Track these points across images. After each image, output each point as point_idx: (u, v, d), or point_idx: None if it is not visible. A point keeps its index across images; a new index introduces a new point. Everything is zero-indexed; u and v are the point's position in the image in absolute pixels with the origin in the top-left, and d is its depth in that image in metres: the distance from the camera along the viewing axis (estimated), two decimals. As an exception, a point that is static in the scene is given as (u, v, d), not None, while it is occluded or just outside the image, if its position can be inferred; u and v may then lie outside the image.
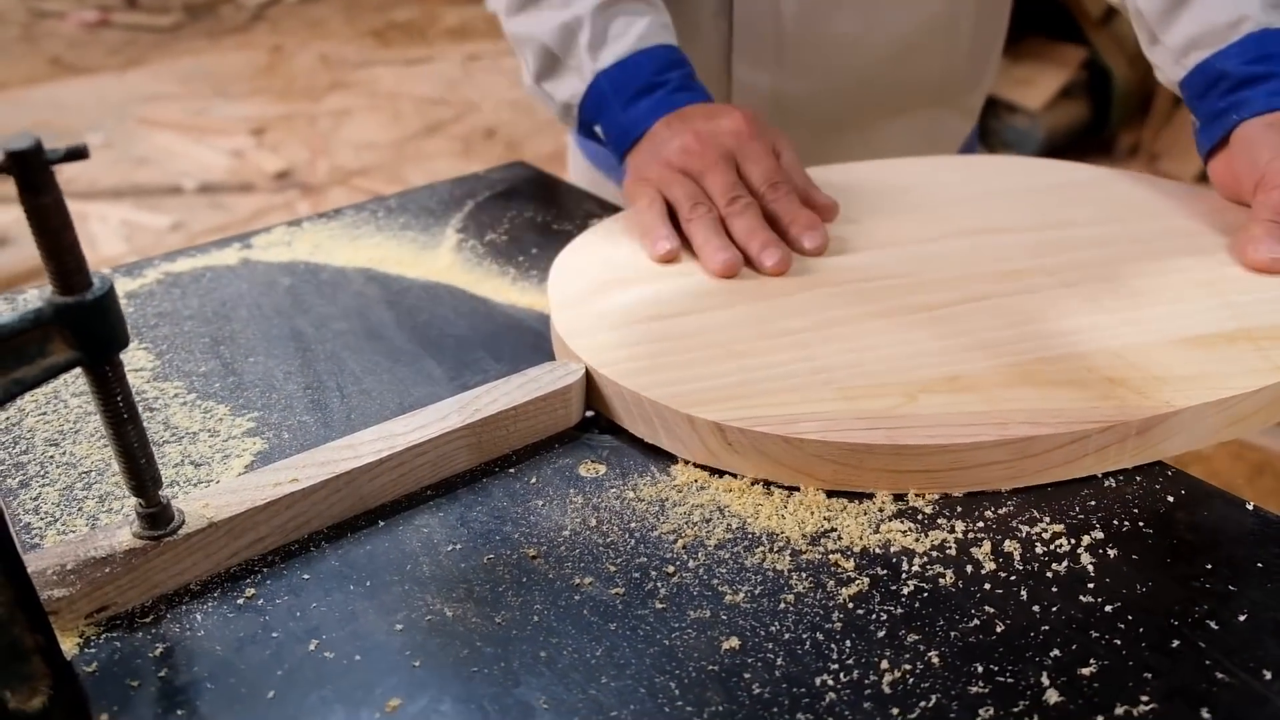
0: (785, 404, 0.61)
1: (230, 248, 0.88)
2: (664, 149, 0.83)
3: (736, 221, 0.77)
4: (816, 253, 0.78)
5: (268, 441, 0.64)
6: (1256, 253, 0.73)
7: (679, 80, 0.87)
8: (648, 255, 0.78)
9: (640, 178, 0.83)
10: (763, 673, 0.48)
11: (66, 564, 0.50)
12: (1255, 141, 0.78)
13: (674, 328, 0.69)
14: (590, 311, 0.71)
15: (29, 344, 0.44)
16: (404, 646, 0.50)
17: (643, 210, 0.80)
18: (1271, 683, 0.48)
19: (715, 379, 0.64)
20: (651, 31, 0.88)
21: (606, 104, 0.88)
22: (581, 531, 0.57)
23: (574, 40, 0.89)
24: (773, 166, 0.81)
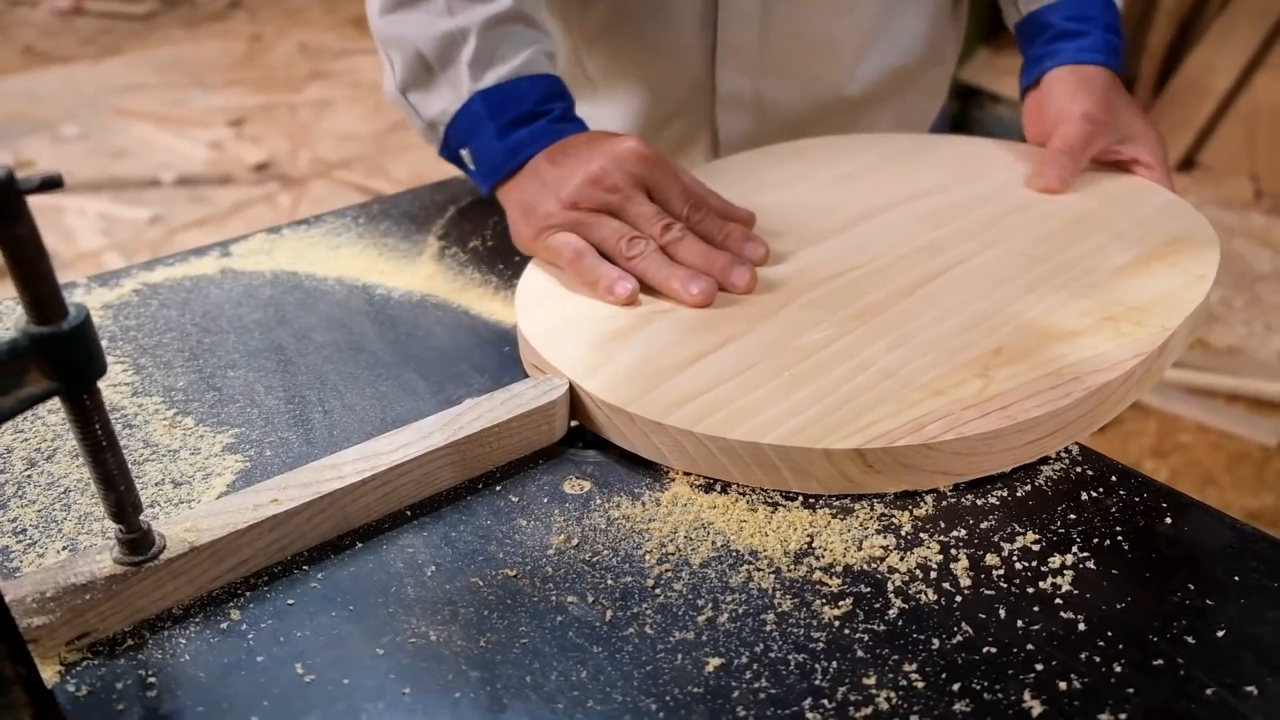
0: (892, 414, 0.61)
1: (209, 256, 0.87)
2: (562, 187, 0.78)
3: (681, 250, 0.75)
4: (762, 262, 0.77)
5: (249, 459, 0.64)
6: (1039, 178, 0.87)
7: (560, 111, 0.83)
8: (606, 303, 0.74)
9: (543, 225, 0.78)
10: (747, 695, 0.48)
11: (46, 591, 0.50)
12: (1059, 86, 0.92)
13: (674, 353, 0.68)
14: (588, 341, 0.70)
15: (5, 375, 0.43)
16: (389, 670, 0.50)
17: (574, 260, 0.76)
18: (1249, 698, 0.48)
19: (796, 407, 0.62)
20: (537, 59, 0.84)
21: (480, 128, 0.82)
22: (566, 551, 0.57)
23: (455, 53, 0.83)
24: (685, 188, 0.79)
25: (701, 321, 0.71)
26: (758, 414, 0.62)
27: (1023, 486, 0.62)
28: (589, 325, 0.71)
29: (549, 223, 0.77)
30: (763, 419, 0.61)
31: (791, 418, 0.61)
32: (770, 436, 0.60)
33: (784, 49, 1.01)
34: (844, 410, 0.62)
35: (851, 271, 0.76)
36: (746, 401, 0.63)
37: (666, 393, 0.64)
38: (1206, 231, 0.81)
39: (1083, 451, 0.65)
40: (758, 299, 0.73)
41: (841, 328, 0.70)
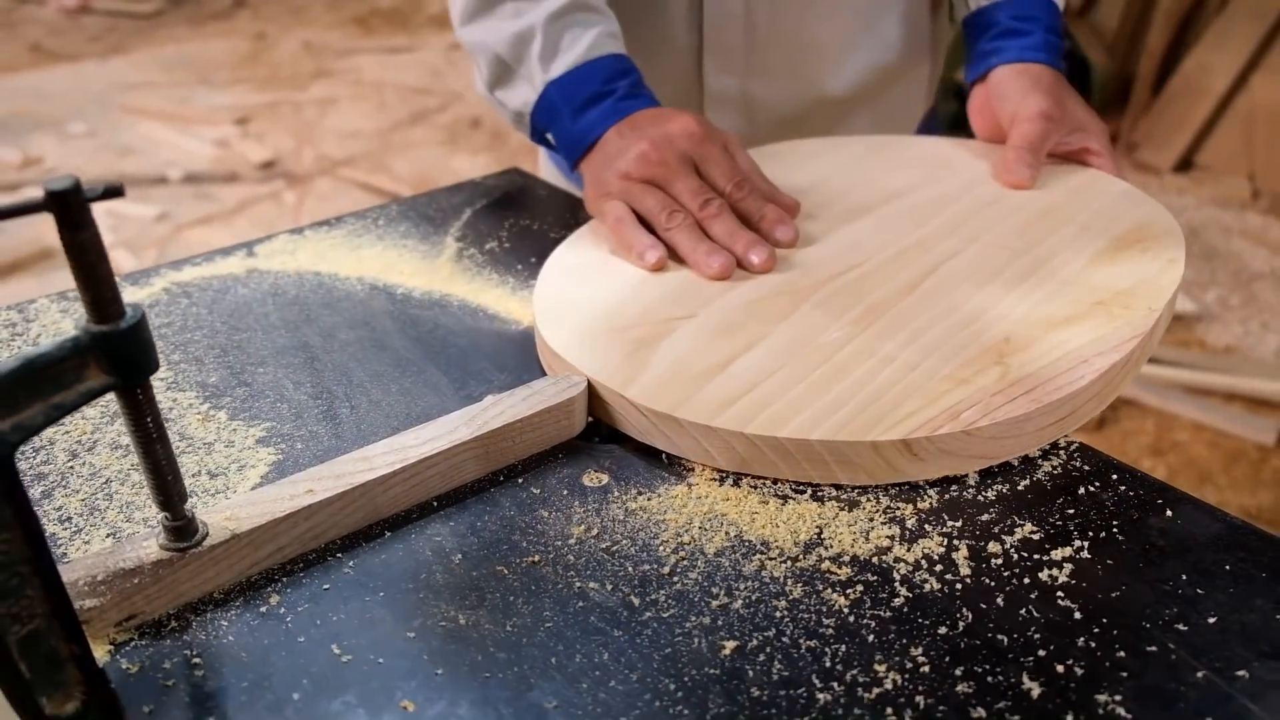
0: (928, 404, 0.65)
1: (235, 256, 0.90)
2: (620, 160, 0.85)
3: (714, 225, 0.81)
4: (789, 245, 0.82)
5: (281, 451, 0.67)
6: (1010, 175, 0.90)
7: (627, 88, 0.90)
8: (636, 267, 0.80)
9: (603, 192, 0.85)
10: (760, 676, 0.51)
11: (97, 575, 0.53)
12: (1007, 85, 0.95)
13: (704, 358, 0.70)
14: (624, 342, 0.73)
15: (67, 371, 0.46)
16: (421, 652, 0.52)
17: (616, 225, 0.82)
18: (1236, 682, 0.51)
19: (835, 403, 0.65)
20: (600, 42, 0.91)
21: (557, 113, 0.90)
22: (586, 540, 0.60)
23: (526, 50, 0.91)
24: (732, 166, 0.85)
25: (721, 327, 0.73)
26: (800, 412, 0.64)
27: (1022, 481, 0.64)
28: (610, 334, 0.73)
29: (605, 189, 0.85)
30: (806, 416, 0.64)
31: (833, 413, 0.64)
32: (818, 433, 0.63)
33: (769, 49, 1.04)
34: (881, 403, 0.65)
35: (851, 272, 0.79)
36: (787, 400, 0.66)
37: (710, 396, 0.66)
38: (1166, 219, 0.85)
39: (1080, 448, 0.68)
40: (772, 302, 0.76)
41: (855, 326, 0.72)
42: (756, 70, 1.06)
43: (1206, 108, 3.43)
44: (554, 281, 0.81)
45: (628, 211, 0.82)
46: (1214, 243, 3.03)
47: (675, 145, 0.84)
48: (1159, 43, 3.53)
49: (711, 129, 0.86)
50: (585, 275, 0.81)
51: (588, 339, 0.73)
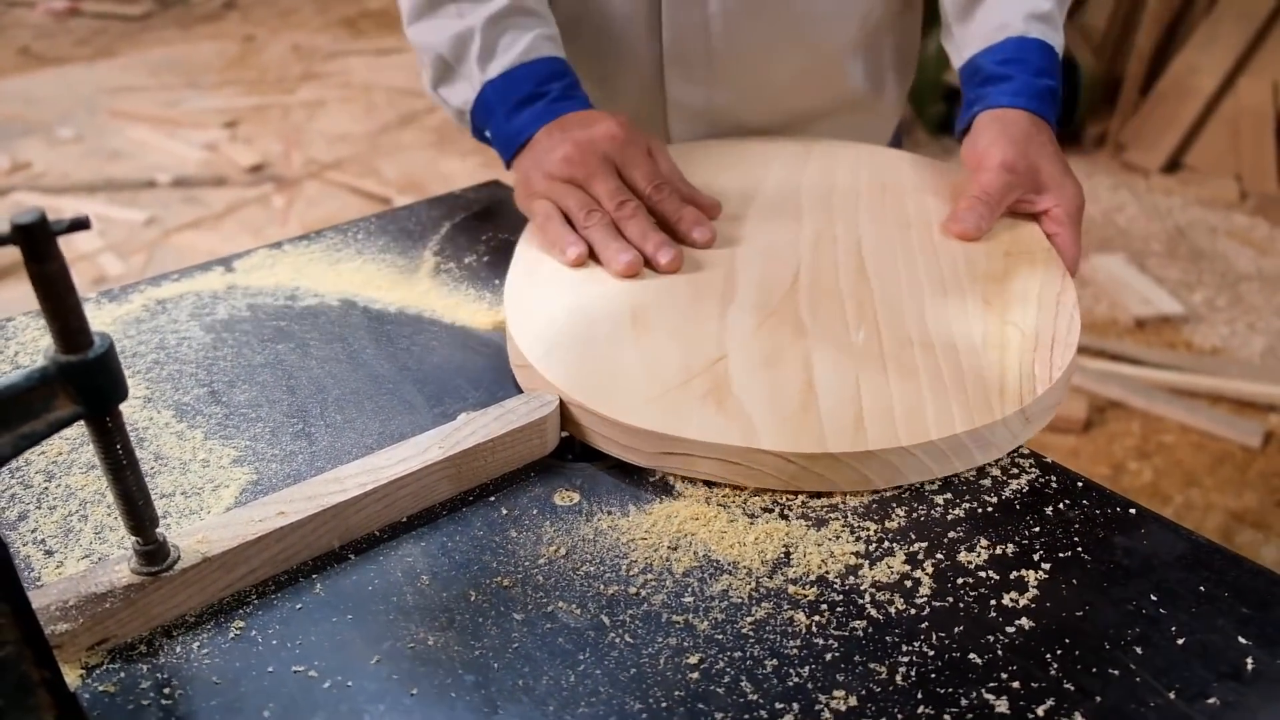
0: (1010, 370, 0.71)
1: (214, 271, 0.90)
2: (546, 160, 0.88)
3: (628, 225, 0.84)
4: (706, 245, 0.85)
5: (256, 471, 0.67)
6: (954, 223, 0.87)
7: (560, 90, 0.93)
8: (558, 262, 0.84)
9: (530, 191, 0.89)
10: (725, 698, 0.52)
11: (68, 600, 0.53)
12: (982, 130, 0.92)
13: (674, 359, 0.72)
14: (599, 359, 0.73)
15: (35, 400, 0.46)
16: (390, 674, 0.53)
17: (542, 223, 0.86)
18: (1196, 703, 0.52)
19: (942, 397, 0.69)
20: (536, 44, 0.94)
21: (493, 112, 0.93)
22: (556, 560, 0.60)
23: (466, 51, 0.94)
24: (652, 169, 0.88)
25: (692, 340, 0.74)
26: (919, 414, 0.68)
27: (989, 499, 0.65)
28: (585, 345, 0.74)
29: (532, 189, 0.89)
30: (934, 411, 0.68)
31: (953, 405, 0.68)
32: (961, 425, 0.67)
33: (729, 59, 1.05)
34: (979, 386, 0.70)
35: (803, 282, 0.81)
36: (896, 407, 0.68)
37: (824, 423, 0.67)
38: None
39: (1047, 465, 0.68)
40: (737, 320, 0.76)
41: (866, 330, 0.75)
42: (718, 80, 1.07)
43: (1194, 109, 3.44)
44: (520, 292, 0.82)
45: (554, 210, 0.86)
46: (1201, 244, 3.05)
47: (598, 147, 0.87)
48: (1147, 44, 3.53)
49: (634, 132, 0.89)
50: (549, 283, 0.82)
51: (562, 353, 0.73)
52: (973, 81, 0.97)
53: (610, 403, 0.68)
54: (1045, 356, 0.73)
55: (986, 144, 0.90)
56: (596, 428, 0.68)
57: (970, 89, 0.97)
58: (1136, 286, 2.79)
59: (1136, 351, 2.53)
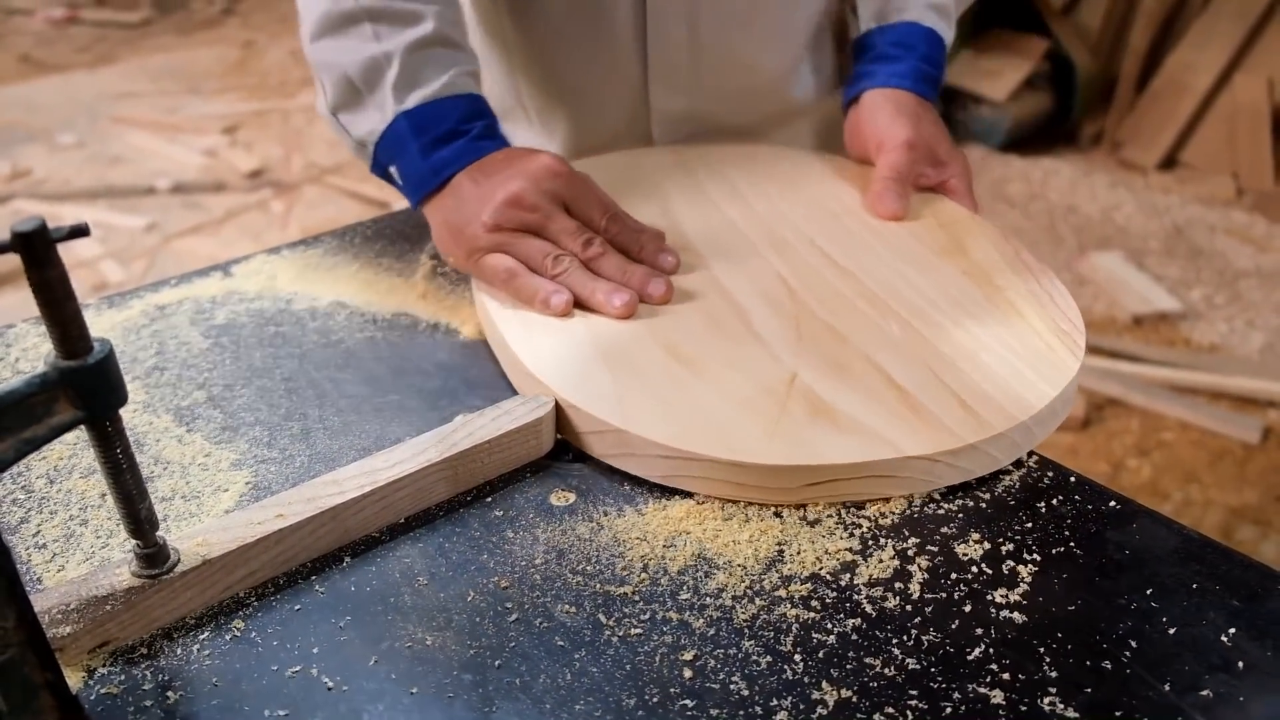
0: (1045, 380, 0.71)
1: (212, 277, 0.91)
2: (484, 209, 0.81)
3: (602, 263, 0.80)
4: (673, 272, 0.83)
5: (255, 474, 0.68)
6: (881, 206, 0.91)
7: (481, 129, 0.86)
8: (544, 314, 0.78)
9: (473, 248, 0.82)
10: (720, 694, 0.52)
11: (70, 603, 0.54)
12: (876, 109, 0.97)
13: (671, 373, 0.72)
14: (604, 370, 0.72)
15: (37, 406, 0.47)
16: (389, 674, 0.54)
17: (509, 279, 0.80)
18: (1187, 695, 0.52)
19: (984, 397, 0.70)
20: (459, 80, 0.87)
21: (404, 146, 0.85)
22: (552, 560, 0.61)
23: (380, 77, 0.86)
24: (601, 201, 0.84)
25: (752, 364, 0.73)
26: (1006, 390, 0.70)
27: (983, 495, 0.66)
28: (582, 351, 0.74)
29: (477, 244, 0.82)
30: (1019, 386, 0.70)
31: (1029, 373, 0.71)
32: (1043, 398, 0.69)
33: (714, 69, 1.05)
34: (1005, 390, 0.70)
35: (789, 291, 0.81)
36: (985, 386, 0.70)
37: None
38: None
39: (1042, 461, 0.69)
40: (774, 336, 0.76)
41: (875, 344, 0.75)
42: (702, 89, 1.07)
43: (1190, 106, 3.45)
44: (526, 348, 0.77)
45: (515, 262, 0.80)
46: (1199, 241, 3.05)
47: (541, 186, 0.82)
48: (1142, 42, 3.54)
49: (571, 167, 0.84)
50: (551, 331, 0.77)
51: (629, 405, 0.69)
52: (865, 56, 1.02)
53: (727, 446, 0.65)
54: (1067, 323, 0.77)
55: (886, 123, 0.95)
56: (712, 474, 0.65)
57: (861, 63, 1.02)
58: (1135, 284, 2.80)
59: (1135, 349, 2.53)
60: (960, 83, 3.60)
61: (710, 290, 0.81)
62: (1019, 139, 3.60)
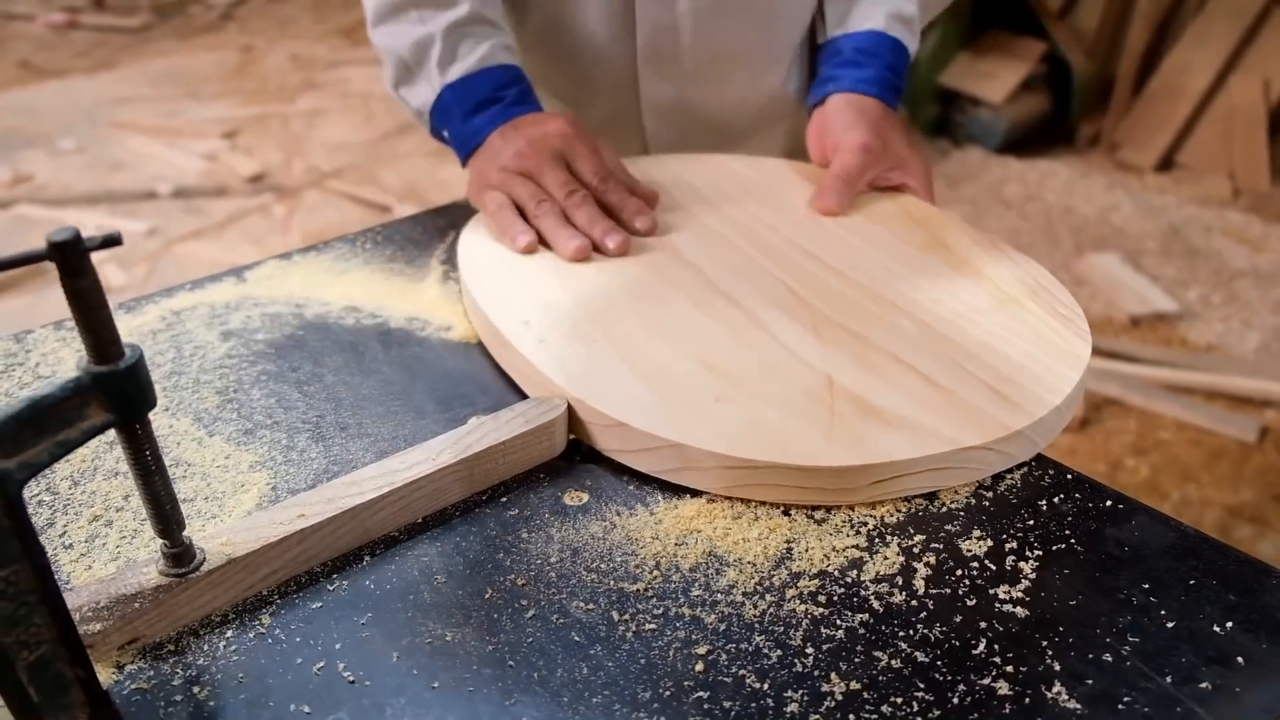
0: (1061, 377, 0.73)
1: (226, 282, 0.92)
2: (500, 155, 0.94)
3: (577, 212, 0.90)
4: (648, 233, 0.91)
5: (274, 474, 0.69)
6: (821, 202, 0.95)
7: (515, 95, 0.99)
8: (509, 249, 0.89)
9: (484, 184, 0.94)
10: (732, 686, 0.54)
11: (100, 601, 0.55)
12: (836, 112, 1.01)
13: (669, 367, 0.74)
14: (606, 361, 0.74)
15: (70, 410, 0.48)
16: (410, 669, 0.55)
17: (494, 212, 0.91)
18: (1184, 687, 0.54)
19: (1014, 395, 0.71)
20: (493, 53, 0.99)
21: (450, 114, 0.99)
22: (567, 558, 0.62)
23: (427, 55, 0.99)
24: (599, 163, 0.94)
25: (786, 371, 0.73)
26: (1039, 375, 0.72)
27: (986, 494, 0.67)
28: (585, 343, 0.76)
29: (486, 181, 0.95)
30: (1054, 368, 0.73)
31: (1057, 365, 0.73)
32: (1036, 411, 0.69)
33: (702, 58, 1.09)
34: (1031, 377, 0.72)
35: (792, 289, 0.84)
36: (1013, 375, 0.72)
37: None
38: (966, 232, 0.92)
39: (1041, 460, 0.70)
40: (794, 339, 0.77)
41: (884, 343, 0.77)
42: (691, 78, 1.11)
43: (1186, 107, 3.47)
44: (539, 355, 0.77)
45: (506, 200, 0.92)
46: (1195, 241, 3.07)
47: (549, 143, 0.93)
48: (1138, 43, 3.56)
49: (583, 130, 0.95)
50: (562, 338, 0.78)
51: (698, 423, 0.69)
52: (831, 61, 1.06)
53: (790, 452, 0.65)
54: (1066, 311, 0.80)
55: (843, 126, 0.99)
56: (780, 480, 0.66)
57: (827, 67, 1.06)
58: (1132, 285, 2.81)
59: (1133, 349, 2.55)
60: (958, 85, 3.62)
61: (718, 300, 0.82)
62: (1016, 141, 3.62)
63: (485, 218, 0.94)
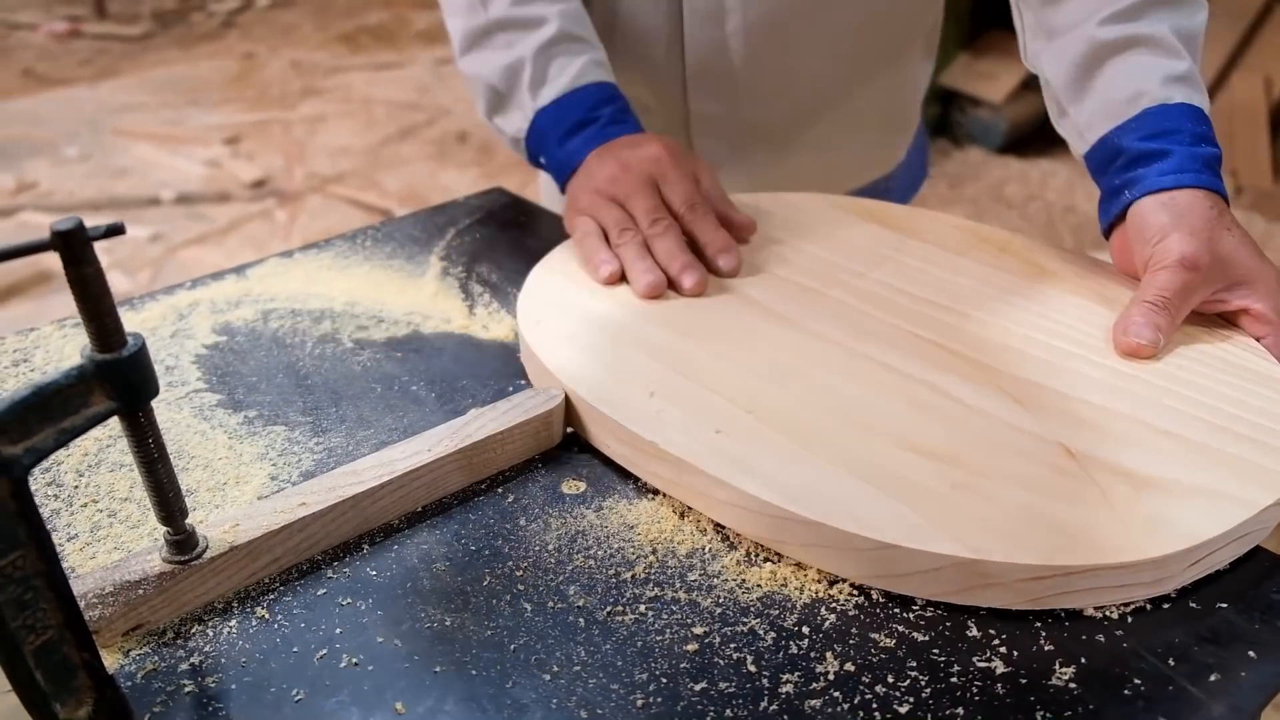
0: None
1: (228, 279, 0.93)
2: (593, 178, 0.90)
3: (658, 243, 0.84)
4: (731, 273, 0.84)
5: (275, 466, 0.70)
6: (1126, 334, 0.74)
7: (610, 115, 0.94)
8: (593, 279, 0.84)
9: (575, 208, 0.90)
10: (728, 668, 0.54)
11: (105, 587, 0.56)
12: (1146, 222, 0.77)
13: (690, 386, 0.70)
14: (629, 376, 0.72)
15: (73, 397, 0.49)
16: (411, 653, 0.56)
17: (581, 239, 0.87)
18: (1178, 664, 0.54)
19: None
20: (586, 70, 0.95)
21: (546, 139, 0.95)
22: (564, 545, 0.63)
23: (518, 80, 0.96)
24: (691, 190, 0.88)
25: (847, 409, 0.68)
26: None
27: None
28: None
29: (577, 205, 0.90)
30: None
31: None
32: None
33: (752, 75, 1.07)
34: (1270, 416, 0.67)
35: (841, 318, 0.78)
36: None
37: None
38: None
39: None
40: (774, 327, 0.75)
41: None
42: (741, 95, 1.09)
43: (1186, 106, 3.47)
44: (540, 294, 0.83)
45: (594, 227, 0.87)
46: (1196, 240, 3.07)
47: (642, 167, 0.88)
48: (1138, 43, 3.56)
49: (681, 155, 0.90)
50: (571, 293, 0.83)
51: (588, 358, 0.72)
52: (1114, 165, 0.81)
53: (1099, 551, 0.57)
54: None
55: (1157, 237, 0.76)
56: (1100, 583, 0.57)
57: (1113, 174, 0.81)
58: (1132, 283, 2.81)
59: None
60: (957, 85, 3.63)
61: (864, 365, 0.73)
62: (1016, 141, 3.63)
63: (573, 244, 0.90)
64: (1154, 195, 0.77)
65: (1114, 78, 0.82)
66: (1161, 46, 0.81)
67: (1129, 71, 0.81)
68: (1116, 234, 0.82)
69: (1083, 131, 0.84)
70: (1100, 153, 0.82)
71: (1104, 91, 0.82)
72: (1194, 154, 0.77)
